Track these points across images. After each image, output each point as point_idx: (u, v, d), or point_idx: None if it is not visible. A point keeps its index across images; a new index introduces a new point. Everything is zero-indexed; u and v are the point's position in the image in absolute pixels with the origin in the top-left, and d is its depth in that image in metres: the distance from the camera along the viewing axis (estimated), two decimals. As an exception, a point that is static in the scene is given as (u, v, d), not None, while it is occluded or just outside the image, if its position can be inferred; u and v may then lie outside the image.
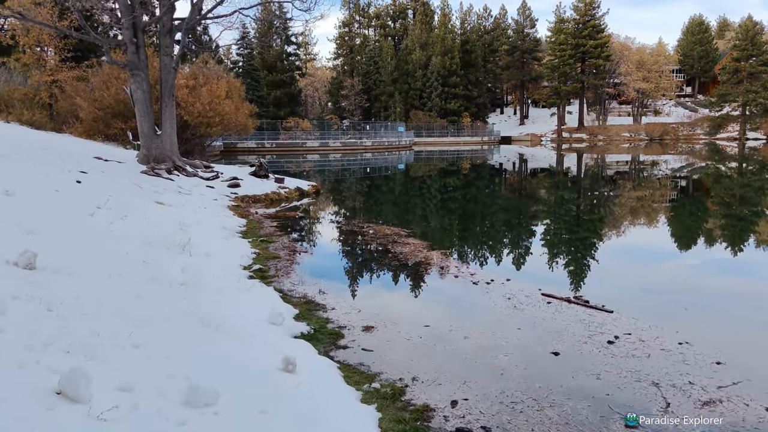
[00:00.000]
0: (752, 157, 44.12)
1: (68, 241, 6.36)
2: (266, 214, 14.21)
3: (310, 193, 18.37)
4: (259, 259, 8.60)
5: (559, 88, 79.86)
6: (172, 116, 17.15)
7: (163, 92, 16.90)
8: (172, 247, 7.64)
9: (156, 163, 16.62)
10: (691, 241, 12.73)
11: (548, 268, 9.59)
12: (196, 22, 16.67)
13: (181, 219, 10.26)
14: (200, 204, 13.47)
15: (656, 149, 58.80)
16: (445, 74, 75.87)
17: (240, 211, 13.64)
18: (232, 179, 16.97)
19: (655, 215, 16.55)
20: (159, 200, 12.65)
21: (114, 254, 6.48)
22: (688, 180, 27.77)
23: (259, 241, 10.05)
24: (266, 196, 16.22)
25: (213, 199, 14.63)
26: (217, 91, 22.70)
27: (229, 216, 12.52)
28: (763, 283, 8.95)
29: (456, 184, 27.08)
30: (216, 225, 10.80)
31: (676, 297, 7.98)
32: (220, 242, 9.25)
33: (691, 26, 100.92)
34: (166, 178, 15.65)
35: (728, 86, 78.23)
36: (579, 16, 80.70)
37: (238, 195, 15.68)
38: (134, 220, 8.91)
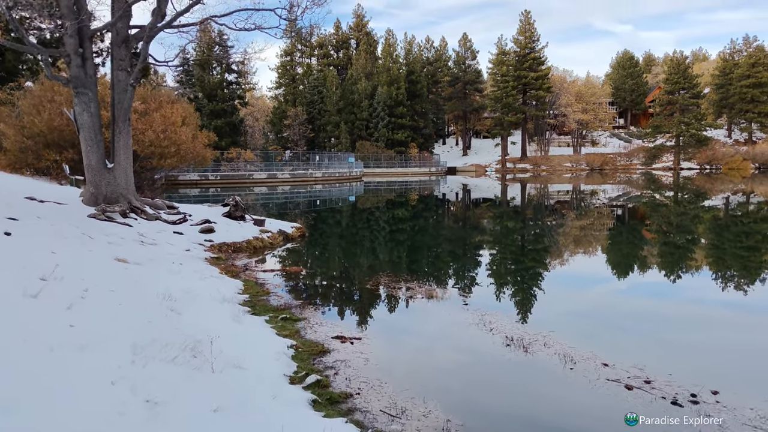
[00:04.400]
0: (686, 187, 45.71)
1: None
2: (258, 268, 11.40)
3: (295, 237, 15.58)
4: (302, 357, 5.90)
5: (503, 118, 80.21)
6: (127, 145, 13.97)
7: (117, 115, 13.70)
8: (180, 356, 4.88)
9: (107, 204, 13.43)
10: (629, 268, 13.39)
11: (494, 297, 9.77)
12: (158, 31, 13.74)
13: (164, 288, 7.45)
14: (172, 258, 10.55)
15: (597, 179, 59.33)
16: (391, 104, 74.60)
17: (225, 267, 10.78)
18: (203, 222, 14.01)
19: (595, 244, 17.35)
20: (119, 256, 9.68)
21: (90, 396, 3.73)
22: (627, 209, 28.97)
23: (279, 319, 7.33)
24: (248, 244, 13.34)
25: (185, 250, 11.70)
26: (172, 117, 19.61)
27: (216, 276, 9.66)
28: (696, 306, 9.60)
29: (428, 216, 25.45)
30: (211, 294, 7.98)
31: (610, 321, 8.41)
32: (231, 328, 6.48)
33: (622, 61, 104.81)
34: (122, 224, 12.56)
35: (661, 118, 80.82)
36: (520, 48, 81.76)
37: (215, 243, 12.74)
38: (99, 299, 6.07)
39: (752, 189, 41.68)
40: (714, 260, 14.46)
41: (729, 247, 16.49)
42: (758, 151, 75.28)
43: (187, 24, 14.11)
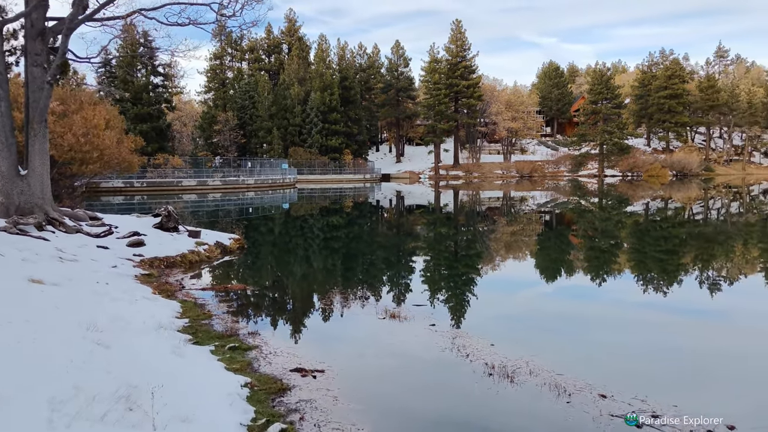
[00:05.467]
0: (610, 193, 47.61)
1: None
2: (196, 286, 10.36)
3: (234, 250, 14.49)
4: (259, 397, 5.04)
5: (435, 126, 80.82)
6: (43, 150, 12.50)
7: (32, 117, 12.22)
8: (112, 412, 3.99)
9: (20, 215, 11.96)
10: (556, 272, 13.85)
11: (455, 311, 9.55)
12: (79, 24, 12.38)
13: (88, 315, 6.45)
14: (96, 277, 9.40)
15: (526, 185, 60.67)
16: (325, 110, 73.63)
17: (158, 286, 9.68)
18: (131, 235, 12.75)
19: (525, 249, 17.97)
20: (35, 276, 8.49)
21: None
22: (555, 215, 29.91)
23: (227, 349, 6.42)
24: (183, 258, 12.20)
25: (111, 267, 10.52)
26: (95, 120, 18.01)
27: (149, 297, 8.60)
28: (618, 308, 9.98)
29: (364, 223, 24.95)
30: (145, 321, 6.97)
31: (537, 323, 8.68)
32: (172, 364, 5.55)
33: (548, 71, 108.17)
34: (38, 237, 11.19)
35: (586, 127, 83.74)
36: (451, 56, 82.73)
37: (145, 258, 11.56)
38: (8, 333, 5.07)
39: (670, 195, 43.66)
40: (637, 262, 15.08)
41: (649, 250, 17.25)
42: (675, 159, 79.19)
43: (111, 17, 12.87)
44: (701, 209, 32.30)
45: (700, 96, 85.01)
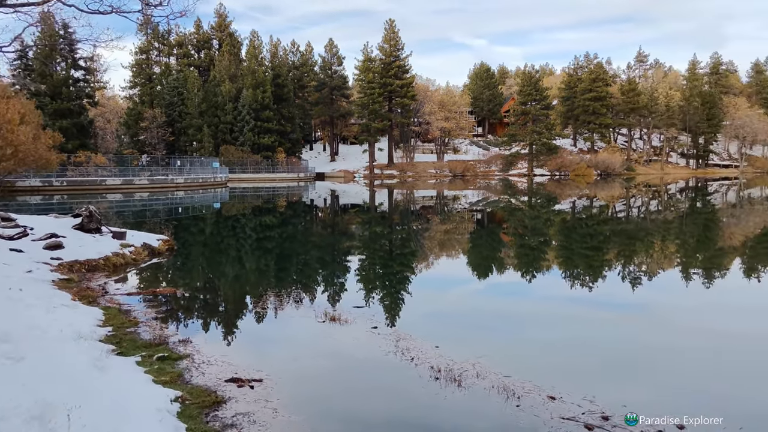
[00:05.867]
0: (539, 192, 49.21)
1: None
2: (121, 291, 9.72)
3: (162, 251, 13.79)
4: (191, 413, 4.66)
5: (370, 125, 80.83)
6: (-53, 148, 11.50)
7: (-67, 112, 11.22)
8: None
9: None
10: (489, 270, 14.12)
11: (396, 311, 9.46)
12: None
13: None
14: (9, 283, 8.67)
15: (459, 185, 61.65)
16: (257, 108, 72.20)
17: (79, 291, 9.02)
18: (48, 237, 11.88)
19: (458, 247, 18.19)
20: (-63, 283, 7.76)
21: None
22: (487, 213, 30.63)
23: (156, 359, 5.97)
24: (106, 261, 11.47)
25: (26, 272, 9.74)
26: (8, 114, 16.71)
27: (68, 304, 7.98)
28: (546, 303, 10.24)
29: (298, 222, 24.54)
30: (62, 330, 6.42)
31: (478, 322, 8.73)
32: (93, 379, 5.09)
33: (479, 72, 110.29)
34: (-59, 241, 10.23)
35: (516, 127, 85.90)
36: (385, 56, 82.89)
37: (64, 262, 10.78)
38: None
39: (595, 194, 45.37)
40: (564, 259, 15.59)
41: (576, 247, 17.88)
42: (600, 159, 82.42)
43: (26, 3, 11.92)
44: (623, 207, 33.66)
45: (622, 99, 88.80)
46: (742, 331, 8.21)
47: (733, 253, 16.56)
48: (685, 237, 20.16)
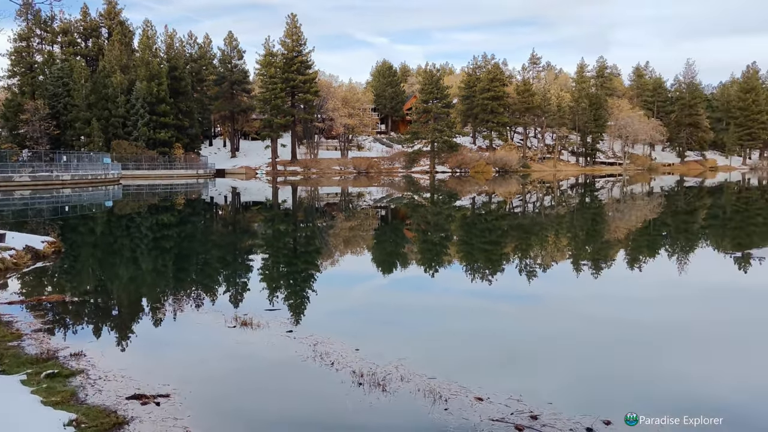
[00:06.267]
0: (441, 188, 50.67)
1: None
2: (0, 300, 8.86)
3: (48, 254, 12.76)
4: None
5: (272, 120, 79.44)
6: None
7: None
8: None
9: None
10: (395, 265, 14.41)
11: (276, 303, 9.46)
12: None
13: None
14: None
15: (363, 181, 62.12)
16: (152, 101, 68.88)
17: (-49, 303, 8.14)
18: None
19: (364, 243, 18.26)
20: None
21: None
22: (391, 210, 31.11)
23: (44, 377, 5.45)
24: (-17, 268, 10.45)
25: None
26: None
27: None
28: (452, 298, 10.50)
29: (198, 221, 23.73)
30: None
31: (395, 321, 8.69)
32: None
33: (381, 70, 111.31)
34: None
35: (418, 125, 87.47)
36: (287, 51, 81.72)
37: (-68, 270, 9.71)
38: None
39: (494, 190, 47.20)
40: (465, 254, 16.12)
41: (476, 241, 18.45)
42: (498, 157, 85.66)
43: None
44: (520, 203, 35.20)
45: (518, 99, 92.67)
46: (635, 318, 8.75)
47: (618, 245, 17.75)
48: (575, 230, 21.34)
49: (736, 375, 6.39)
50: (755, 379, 6.27)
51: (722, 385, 6.10)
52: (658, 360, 6.82)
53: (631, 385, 6.04)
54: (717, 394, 5.85)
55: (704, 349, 7.43)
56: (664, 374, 6.31)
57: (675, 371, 6.42)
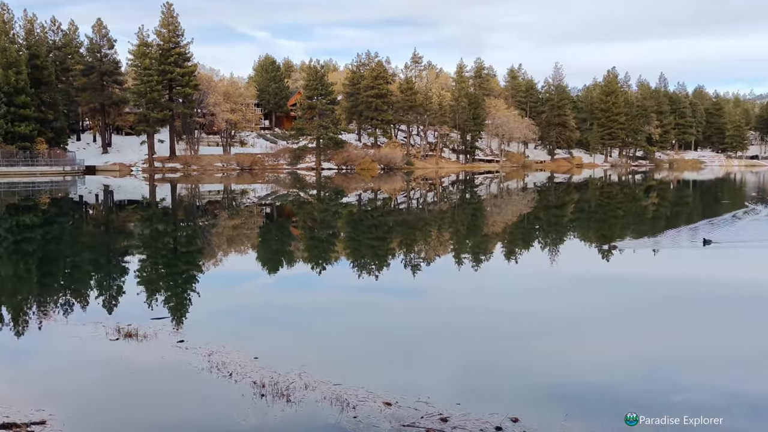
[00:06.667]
0: (327, 185, 51.19)
1: None
2: None
3: None
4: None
5: (148, 114, 75.33)
6: None
7: None
8: None
9: None
10: (283, 264, 14.30)
11: (163, 311, 9.04)
12: None
13: None
14: None
15: (247, 178, 61.01)
16: (10, 91, 62.89)
17: None
18: None
19: (250, 242, 17.94)
20: None
21: None
22: (276, 207, 30.92)
23: None
24: None
25: None
26: None
27: None
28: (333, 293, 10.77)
29: (66, 222, 22.15)
30: None
31: (292, 324, 8.50)
32: None
33: (264, 64, 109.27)
34: None
35: (303, 121, 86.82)
36: (163, 41, 77.90)
37: None
38: None
39: (379, 187, 47.98)
40: (352, 250, 16.43)
41: (363, 238, 18.69)
42: (382, 154, 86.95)
43: None
44: (405, 199, 36.06)
45: (401, 97, 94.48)
46: (518, 309, 9.27)
47: (496, 238, 18.73)
48: (457, 225, 22.22)
49: (615, 358, 6.94)
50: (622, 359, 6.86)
51: (602, 368, 6.61)
52: (545, 349, 7.27)
53: (528, 378, 6.30)
54: (600, 378, 6.34)
55: (584, 336, 8.02)
56: (553, 364, 6.69)
57: (562, 359, 6.85)
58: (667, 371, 6.49)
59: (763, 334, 8.26)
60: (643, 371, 6.54)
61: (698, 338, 8.08)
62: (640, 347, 7.45)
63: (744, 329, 8.39)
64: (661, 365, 6.74)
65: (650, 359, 6.96)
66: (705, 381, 6.28)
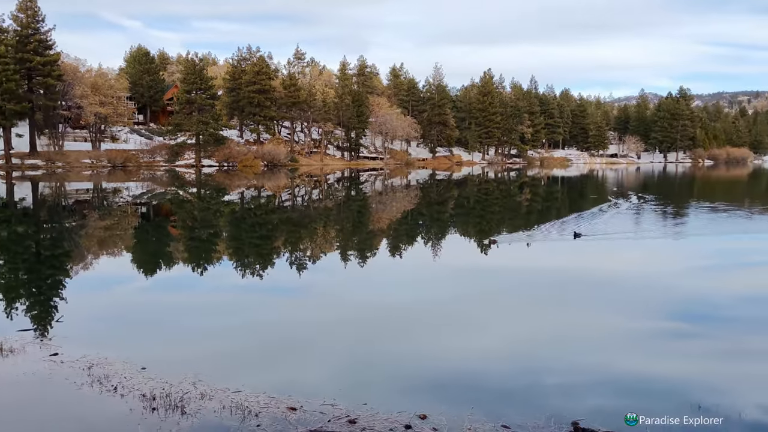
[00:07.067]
0: (208, 183, 49.53)
1: None
2: None
3: None
4: None
5: (4, 107, 68.64)
6: None
7: None
8: None
9: None
10: (160, 266, 13.61)
11: (31, 321, 8.22)
12: None
13: None
14: None
15: (120, 176, 57.82)
16: None
17: None
18: None
19: (123, 244, 16.95)
20: None
21: None
22: (153, 206, 29.61)
23: None
24: None
25: None
26: None
27: None
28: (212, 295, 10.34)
29: None
30: None
31: (174, 328, 8.14)
32: None
33: (137, 56, 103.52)
34: None
35: (181, 116, 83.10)
36: (21, 27, 71.34)
37: None
38: None
39: (263, 184, 47.01)
40: (235, 250, 15.90)
41: (246, 237, 18.17)
42: (266, 151, 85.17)
43: None
44: (289, 197, 35.49)
45: (284, 93, 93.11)
46: (408, 303, 9.27)
47: (381, 234, 18.83)
48: (342, 222, 22.12)
49: (499, 347, 7.08)
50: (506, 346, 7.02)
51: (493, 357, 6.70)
52: (440, 343, 7.33)
53: (429, 373, 6.27)
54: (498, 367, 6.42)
55: (476, 328, 8.16)
56: (451, 357, 6.75)
57: (460, 352, 6.91)
58: (552, 354, 6.88)
59: (622, 317, 8.85)
60: (536, 356, 6.89)
61: (581, 322, 8.56)
62: (527, 334, 7.80)
63: (612, 314, 8.95)
64: (549, 350, 7.12)
65: (540, 344, 7.35)
66: (582, 359, 6.66)
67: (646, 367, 6.41)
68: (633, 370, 6.36)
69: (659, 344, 7.46)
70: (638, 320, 8.61)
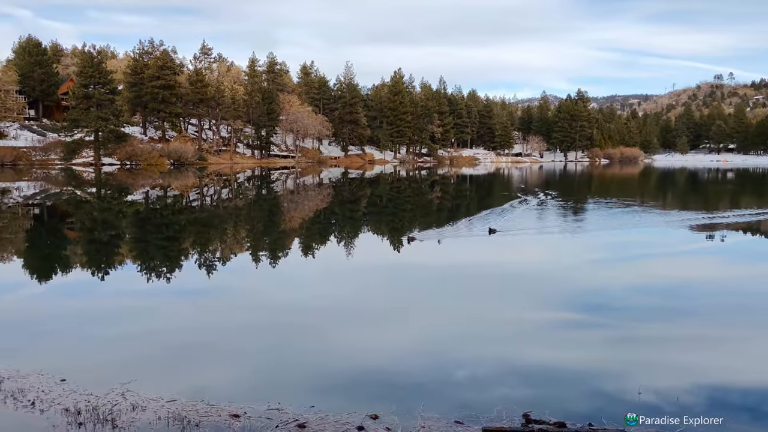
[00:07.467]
0: (109, 182, 47.12)
1: None
2: None
3: None
4: None
5: None
6: None
7: None
8: None
9: None
10: (54, 271, 12.79)
11: None
12: None
13: None
14: None
15: (9, 175, 53.91)
16: None
17: None
18: None
19: (13, 248, 15.95)
20: None
21: None
22: (47, 207, 27.83)
23: None
24: None
25: None
26: None
27: None
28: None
29: None
30: None
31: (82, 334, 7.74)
32: None
33: (27, 47, 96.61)
34: None
35: (78, 112, 78.37)
36: None
37: None
38: None
39: (169, 183, 45.23)
40: (140, 252, 15.31)
41: (152, 238, 17.46)
42: (172, 149, 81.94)
43: None
44: (197, 196, 34.32)
45: (191, 89, 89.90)
46: (324, 302, 9.16)
47: (293, 234, 18.59)
48: (253, 222, 21.64)
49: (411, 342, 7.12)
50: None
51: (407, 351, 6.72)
52: (371, 340, 7.34)
53: (369, 372, 6.22)
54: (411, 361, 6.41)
55: (408, 324, 8.23)
56: (385, 355, 6.75)
57: (394, 350, 6.91)
58: (477, 347, 7.04)
59: (539, 310, 9.21)
60: (467, 350, 7.01)
61: (501, 315, 8.86)
62: (456, 330, 7.91)
63: (527, 306, 9.28)
64: (481, 344, 7.29)
65: (469, 340, 7.46)
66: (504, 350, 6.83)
67: (550, 357, 6.68)
68: (535, 361, 6.62)
69: (565, 334, 7.80)
70: (545, 311, 8.99)
